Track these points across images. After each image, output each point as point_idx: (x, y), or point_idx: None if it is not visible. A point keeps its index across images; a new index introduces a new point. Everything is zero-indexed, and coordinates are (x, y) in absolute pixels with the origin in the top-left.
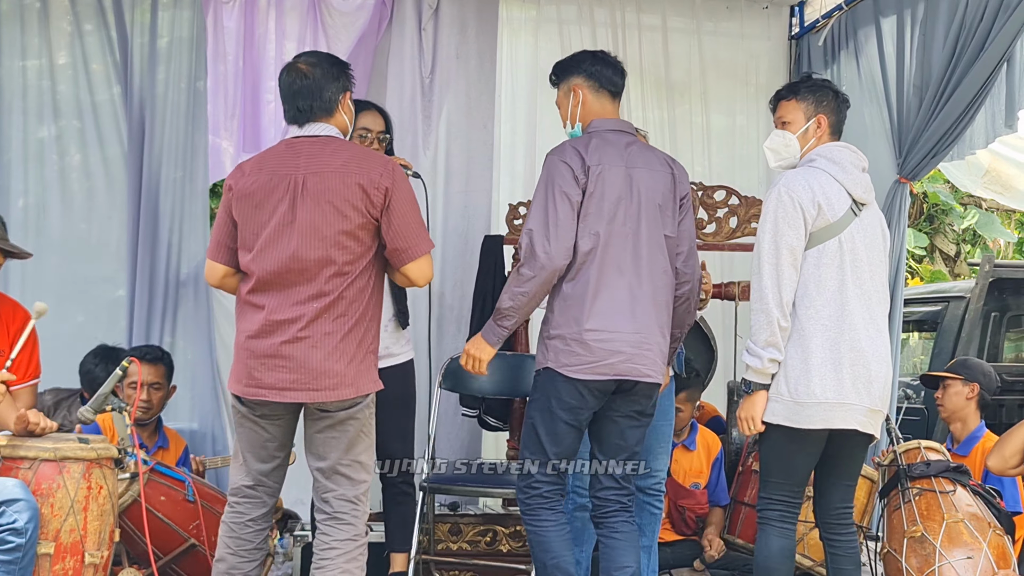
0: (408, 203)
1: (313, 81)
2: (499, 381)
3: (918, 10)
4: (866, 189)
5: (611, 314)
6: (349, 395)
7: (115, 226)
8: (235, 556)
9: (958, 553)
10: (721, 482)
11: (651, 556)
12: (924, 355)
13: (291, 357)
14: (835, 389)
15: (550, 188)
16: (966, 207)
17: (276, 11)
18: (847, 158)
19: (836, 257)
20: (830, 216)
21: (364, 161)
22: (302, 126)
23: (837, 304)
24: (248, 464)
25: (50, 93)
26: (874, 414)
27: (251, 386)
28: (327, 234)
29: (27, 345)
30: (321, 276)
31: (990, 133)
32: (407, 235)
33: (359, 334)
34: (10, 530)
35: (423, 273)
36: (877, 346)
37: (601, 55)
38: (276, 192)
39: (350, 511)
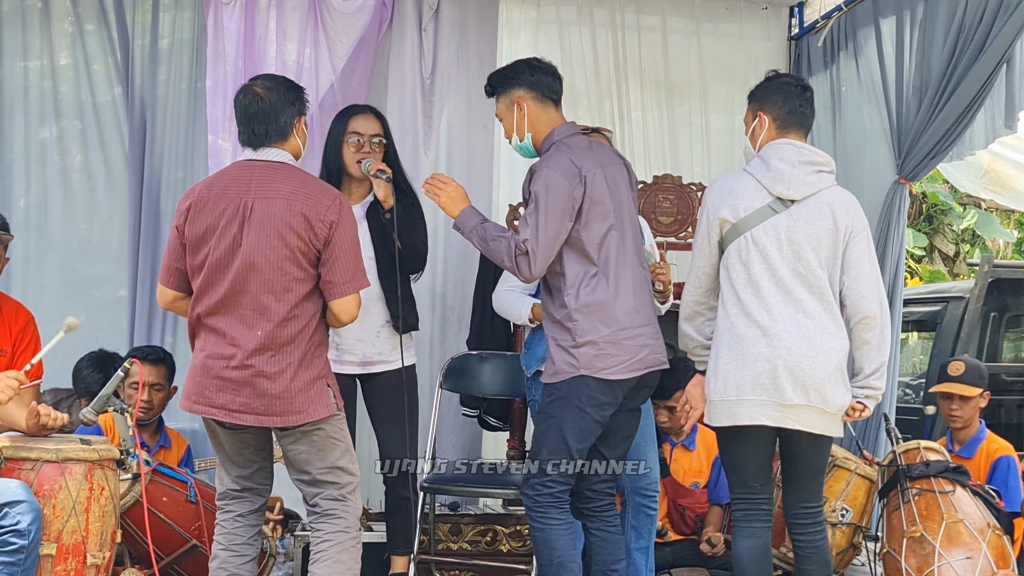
0: (350, 239)
1: (269, 105)
2: (500, 382)
3: (917, 11)
4: (796, 184)
5: (631, 311)
6: (298, 421)
7: (116, 226)
8: (226, 551)
9: (957, 553)
10: (722, 481)
11: (648, 557)
12: (923, 355)
13: (239, 381)
14: (735, 386)
15: (548, 206)
16: (965, 207)
17: (276, 12)
18: (780, 154)
19: (743, 256)
20: (731, 217)
21: (313, 192)
22: (256, 149)
23: (741, 303)
24: (228, 471)
25: (51, 94)
26: (788, 409)
27: (200, 403)
28: (271, 259)
29: (29, 345)
30: (265, 302)
31: (990, 134)
32: (342, 270)
33: (307, 361)
34: (13, 531)
35: (348, 310)
36: (793, 340)
37: (537, 63)
38: (225, 215)
39: (339, 507)
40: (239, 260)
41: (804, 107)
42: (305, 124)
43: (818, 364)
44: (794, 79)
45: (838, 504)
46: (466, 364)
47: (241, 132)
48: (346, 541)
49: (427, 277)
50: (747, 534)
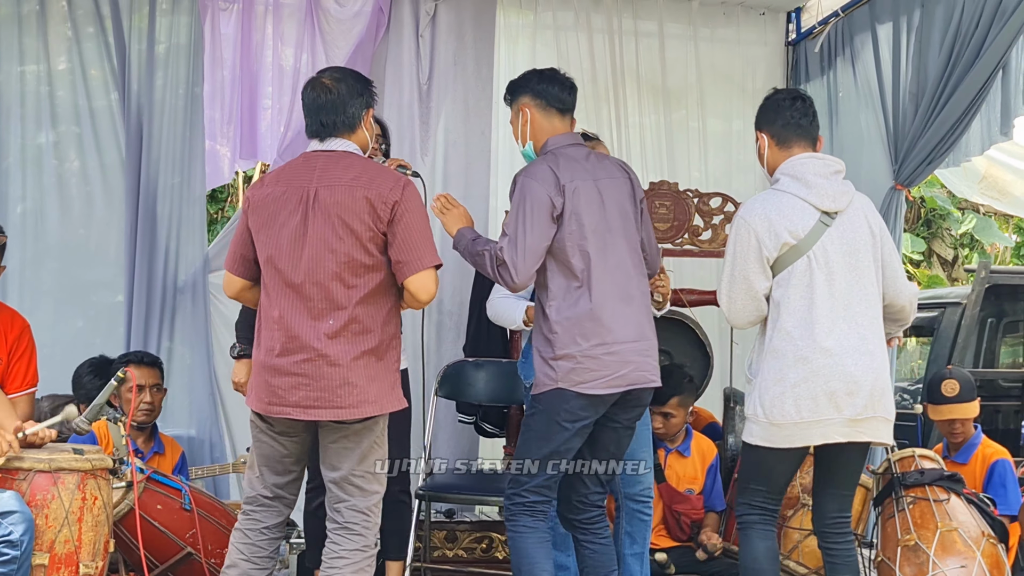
0: (416, 217)
1: (337, 96)
2: (495, 389)
3: (914, 17)
4: (837, 196)
5: (613, 327)
6: (372, 412)
7: (113, 232)
8: (248, 563)
9: (952, 562)
10: (717, 488)
11: (643, 563)
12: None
13: (311, 375)
14: (810, 408)
15: (523, 213)
16: (964, 212)
17: (274, 18)
18: (811, 168)
19: (805, 276)
20: (792, 239)
21: (375, 176)
22: (323, 140)
23: (807, 323)
24: (264, 477)
25: (48, 99)
26: (859, 423)
27: (274, 404)
28: (337, 248)
29: (25, 353)
30: (335, 290)
31: (986, 140)
32: (410, 248)
33: (380, 351)
34: (5, 542)
35: (424, 287)
36: (856, 357)
37: (549, 73)
38: (289, 204)
39: (361, 522)
40: (306, 250)
41: (799, 117)
42: (373, 117)
43: (881, 374)
44: (786, 92)
45: None
46: (462, 371)
47: (309, 124)
48: (362, 561)
49: None
50: (763, 535)
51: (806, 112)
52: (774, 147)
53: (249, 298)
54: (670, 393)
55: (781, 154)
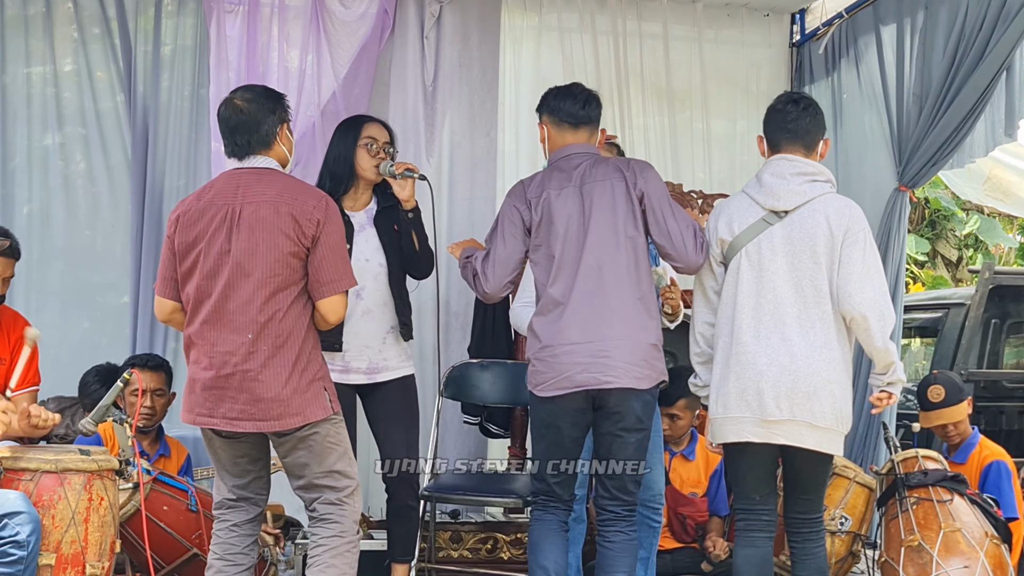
0: (336, 238)
1: (249, 116)
2: (501, 390)
3: (918, 18)
4: (785, 195)
5: (562, 330)
6: (296, 423)
7: (119, 233)
8: (221, 560)
9: (955, 562)
10: (721, 493)
11: (648, 568)
12: (925, 360)
13: (236, 388)
14: (723, 403)
15: (496, 226)
16: (968, 212)
17: (279, 20)
18: (770, 169)
19: (734, 273)
20: (727, 236)
21: (298, 192)
22: (241, 159)
23: (728, 318)
24: (225, 481)
25: (54, 100)
26: (772, 424)
27: (202, 415)
28: (261, 263)
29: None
30: (257, 305)
31: (990, 141)
32: (328, 269)
33: (302, 363)
34: (12, 543)
35: (334, 309)
36: (774, 355)
37: (566, 89)
38: (214, 221)
39: (335, 512)
40: (229, 266)
41: (789, 121)
42: (289, 130)
43: (801, 377)
44: (784, 96)
45: (837, 512)
46: (467, 372)
47: (226, 145)
48: (340, 546)
49: (431, 284)
50: (745, 543)
51: (798, 116)
52: (768, 150)
53: (179, 320)
54: (677, 395)
55: (770, 155)
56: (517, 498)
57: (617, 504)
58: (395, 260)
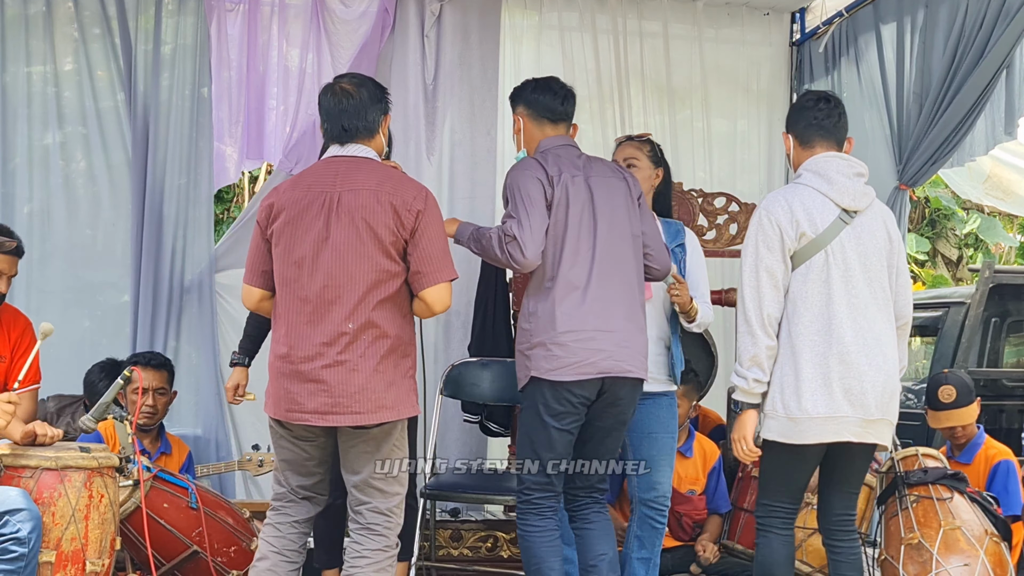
0: (437, 229)
1: (359, 102)
2: (500, 388)
3: (918, 17)
4: (858, 196)
5: (585, 315)
6: (389, 418)
7: (120, 232)
8: (279, 555)
9: (955, 560)
10: (720, 490)
11: (649, 568)
12: (925, 359)
13: (330, 381)
14: (826, 403)
15: (523, 197)
16: (968, 211)
17: (279, 19)
18: (834, 167)
19: (823, 271)
20: (811, 232)
21: (399, 183)
22: (343, 145)
23: (824, 318)
24: (289, 480)
25: (55, 99)
26: (870, 424)
27: (292, 411)
28: (361, 252)
29: (28, 351)
30: (356, 295)
31: (990, 140)
32: (431, 259)
33: (396, 357)
34: (13, 540)
35: (441, 299)
36: (872, 355)
37: (544, 82)
38: (311, 209)
39: (383, 523)
40: (328, 253)
41: (822, 118)
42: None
43: (891, 377)
44: (812, 93)
45: None
46: (467, 370)
47: (329, 129)
48: (383, 560)
49: None
50: (786, 541)
51: (830, 113)
52: (798, 147)
53: (268, 308)
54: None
55: (804, 153)
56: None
57: (597, 493)
58: None
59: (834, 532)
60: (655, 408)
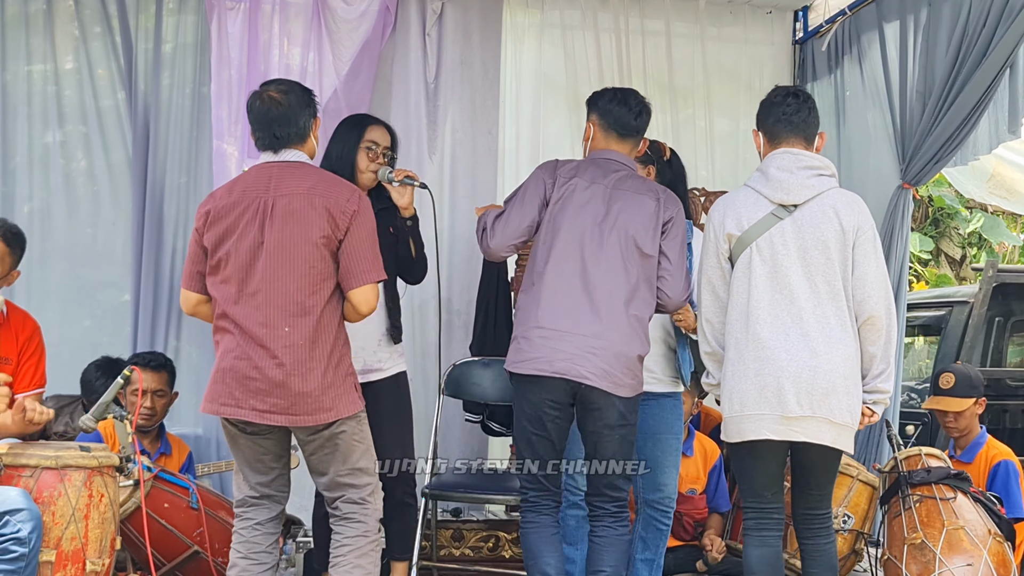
0: (369, 230)
1: (288, 108)
2: (502, 387)
3: (921, 15)
4: (795, 189)
5: (559, 315)
6: (328, 419)
7: (120, 231)
8: (245, 559)
9: (958, 560)
10: (721, 488)
11: (652, 570)
12: (929, 359)
13: (269, 380)
14: (740, 401)
15: (518, 191)
16: (971, 211)
17: (280, 17)
18: (776, 163)
19: (747, 268)
20: (736, 231)
21: (331, 185)
22: (276, 152)
23: (744, 315)
24: (248, 478)
25: (55, 98)
26: (792, 421)
27: (229, 405)
28: (295, 255)
29: (35, 355)
30: (291, 298)
31: (993, 139)
32: (360, 259)
33: (336, 357)
34: (13, 539)
35: (367, 300)
36: (794, 350)
37: (622, 95)
38: (246, 214)
39: (359, 511)
40: (263, 258)
41: (790, 114)
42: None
43: (821, 374)
44: (780, 89)
45: (840, 510)
46: (469, 370)
47: (260, 137)
48: (365, 546)
49: (432, 282)
50: (758, 543)
51: (799, 109)
52: (767, 144)
53: (205, 312)
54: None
55: (770, 150)
56: (519, 496)
57: (604, 500)
58: (390, 263)
59: (801, 529)
60: (659, 409)
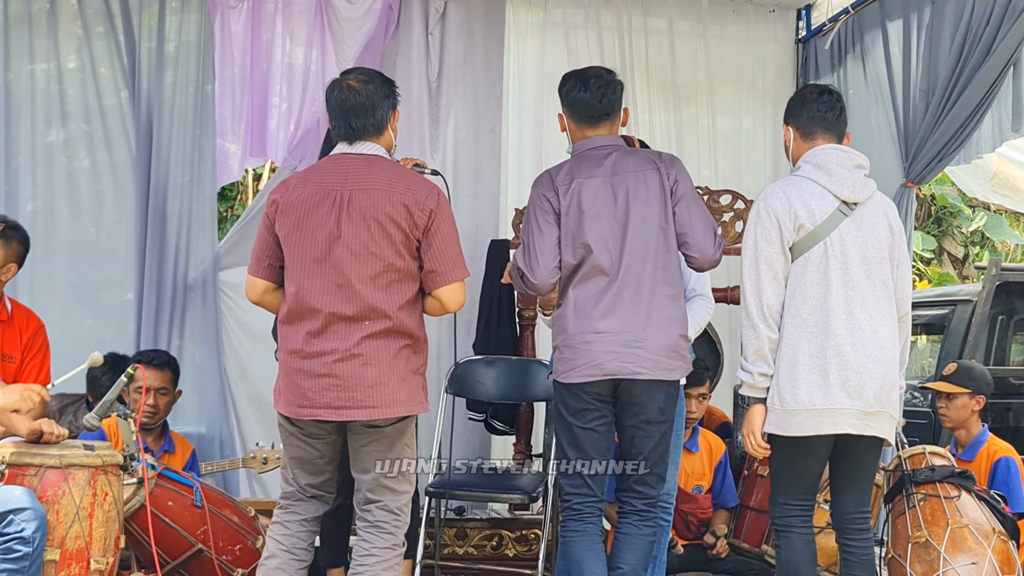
0: (450, 228)
1: (367, 99)
2: (505, 386)
3: (924, 14)
4: (858, 187)
5: (597, 317)
6: (401, 412)
7: (123, 230)
8: (288, 553)
9: (962, 559)
10: (727, 484)
11: (656, 567)
12: (931, 358)
13: (343, 375)
14: (822, 395)
15: (529, 220)
16: (974, 209)
17: (283, 16)
18: (833, 159)
19: (821, 263)
20: (809, 223)
21: (411, 182)
22: (352, 143)
23: (822, 311)
24: (297, 479)
25: (58, 97)
26: (868, 416)
27: (304, 407)
28: (373, 250)
29: (39, 353)
30: (368, 293)
31: (997, 137)
32: (445, 258)
33: (408, 353)
34: (18, 539)
35: (456, 298)
36: (868, 348)
37: (581, 81)
38: (322, 207)
39: (391, 521)
40: (339, 252)
41: (824, 111)
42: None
43: (890, 369)
44: (814, 87)
45: None
46: (472, 368)
47: (336, 127)
48: (391, 559)
49: None
50: (807, 539)
51: (832, 107)
52: (799, 139)
53: (271, 301)
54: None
55: (805, 146)
56: (522, 494)
57: (634, 497)
58: None
59: (847, 531)
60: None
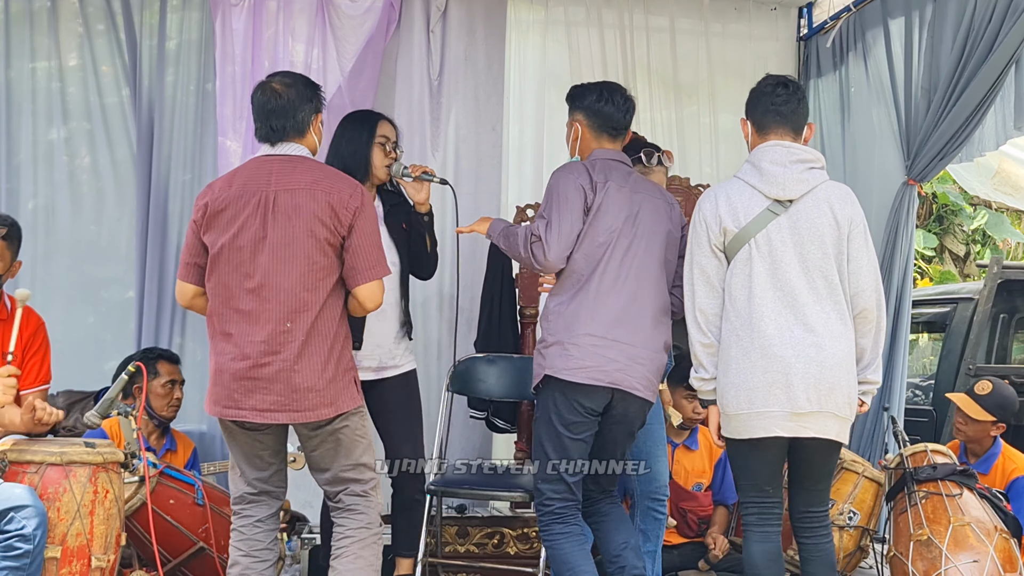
0: (372, 225)
1: (287, 102)
2: (507, 384)
3: (926, 11)
4: (790, 184)
5: (609, 323)
6: (329, 414)
7: (124, 228)
8: (247, 557)
9: (964, 557)
10: (727, 481)
11: (655, 561)
12: (933, 356)
13: (270, 378)
14: (748, 398)
15: (559, 199)
16: (976, 207)
17: (284, 14)
18: (769, 156)
19: (746, 265)
20: (734, 226)
21: (335, 181)
22: (274, 145)
23: (747, 312)
24: (245, 474)
25: (59, 95)
26: (803, 417)
27: (230, 407)
28: (298, 251)
29: (39, 351)
30: (294, 294)
31: (999, 135)
32: (365, 256)
33: (336, 353)
34: (18, 536)
35: (373, 296)
36: (800, 347)
37: (608, 92)
38: (247, 208)
39: (361, 503)
40: (265, 252)
41: (780, 104)
42: (321, 122)
43: (827, 368)
44: (770, 78)
45: (845, 507)
46: (473, 367)
47: (259, 128)
48: (368, 537)
49: (436, 279)
50: (760, 538)
51: (788, 99)
52: (754, 134)
53: (201, 304)
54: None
55: (759, 140)
56: (524, 492)
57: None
58: (404, 259)
59: (800, 529)
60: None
